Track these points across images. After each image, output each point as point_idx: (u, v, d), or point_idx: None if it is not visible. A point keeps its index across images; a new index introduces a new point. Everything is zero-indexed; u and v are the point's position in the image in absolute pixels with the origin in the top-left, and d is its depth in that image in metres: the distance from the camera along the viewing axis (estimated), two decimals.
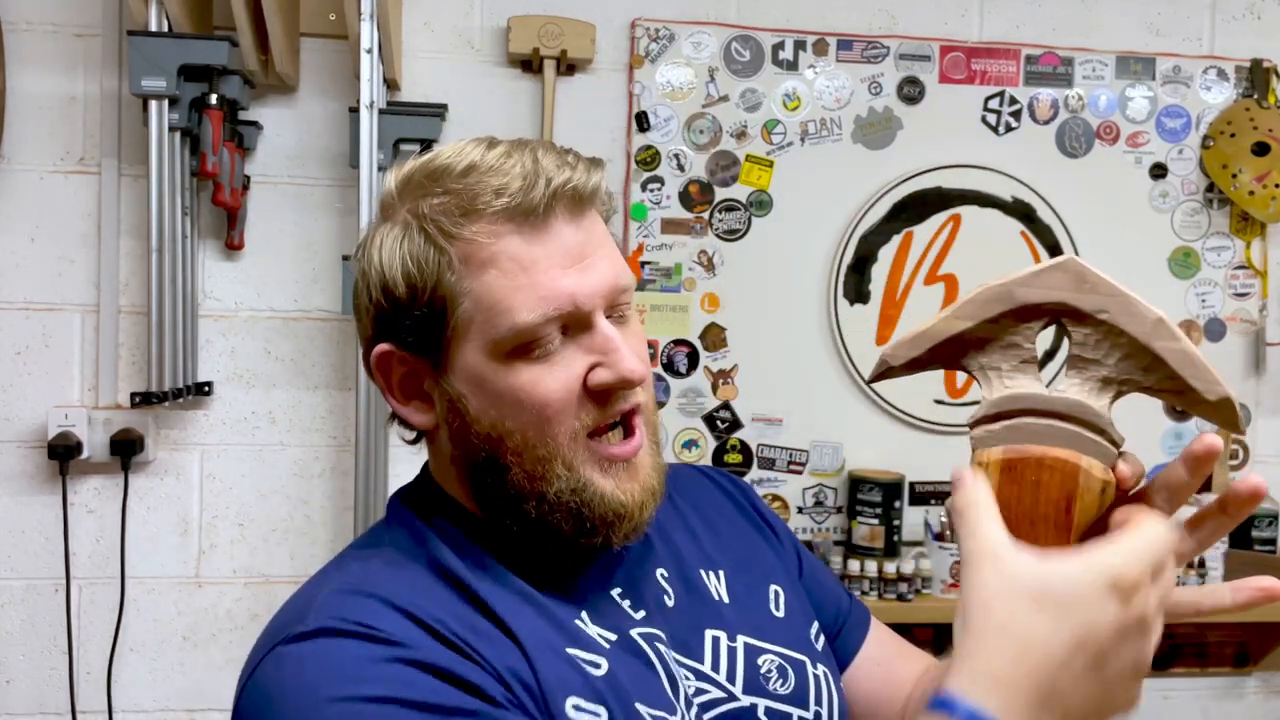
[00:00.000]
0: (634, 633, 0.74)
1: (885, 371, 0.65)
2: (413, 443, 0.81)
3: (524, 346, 0.70)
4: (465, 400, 0.72)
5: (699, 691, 0.74)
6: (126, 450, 1.77)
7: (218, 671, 1.86)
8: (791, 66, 1.99)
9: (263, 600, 1.86)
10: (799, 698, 0.78)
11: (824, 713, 0.80)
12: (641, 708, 0.69)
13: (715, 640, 0.77)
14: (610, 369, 0.71)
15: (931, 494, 2.02)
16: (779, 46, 1.98)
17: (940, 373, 2.03)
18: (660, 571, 0.80)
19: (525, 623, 0.69)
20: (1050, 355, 2.07)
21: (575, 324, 0.71)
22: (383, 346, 0.74)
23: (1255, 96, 2.10)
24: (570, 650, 0.70)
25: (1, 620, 1.81)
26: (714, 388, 1.98)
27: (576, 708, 0.67)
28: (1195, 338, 2.11)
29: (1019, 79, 2.05)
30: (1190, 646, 2.11)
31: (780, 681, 0.78)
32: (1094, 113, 2.07)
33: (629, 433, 0.74)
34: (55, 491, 1.79)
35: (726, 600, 0.81)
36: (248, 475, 1.87)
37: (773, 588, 0.85)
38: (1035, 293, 0.61)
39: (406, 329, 0.73)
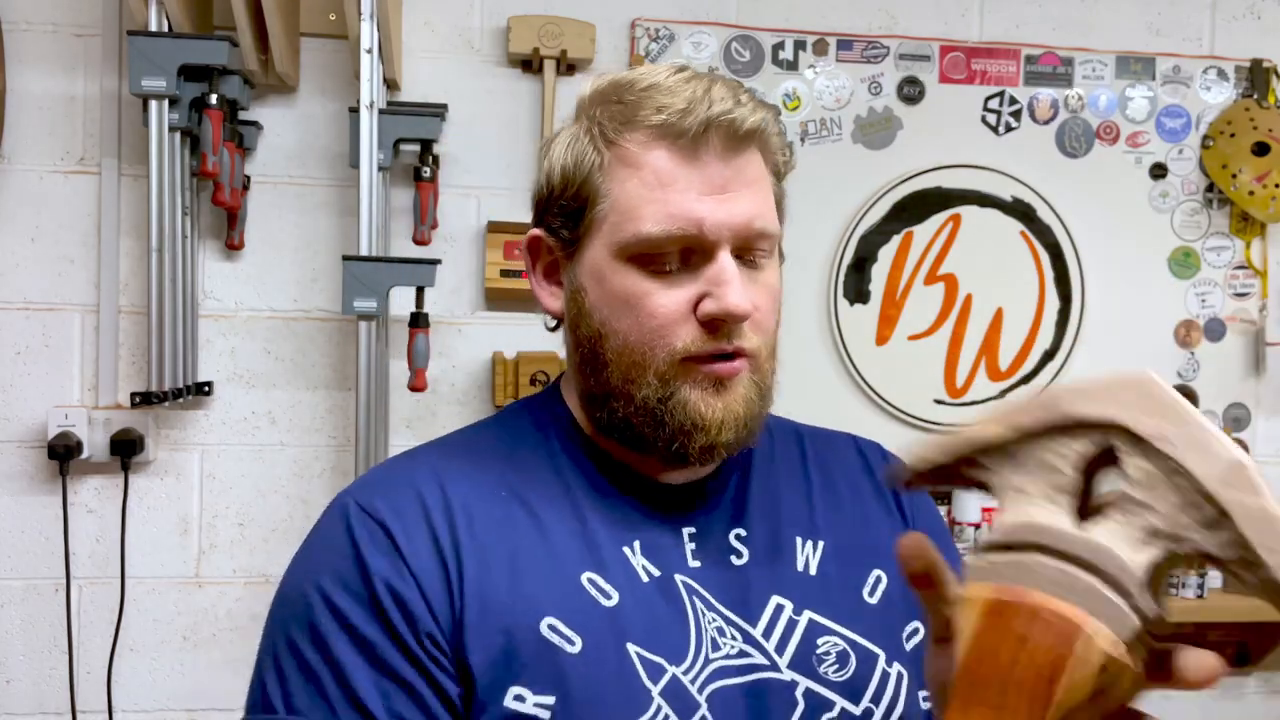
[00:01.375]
0: (678, 577, 0.75)
1: (910, 482, 0.55)
2: (553, 329, 0.85)
3: (643, 257, 0.74)
4: (584, 293, 0.77)
5: (741, 654, 0.74)
6: (126, 450, 1.77)
7: (218, 671, 1.86)
8: (791, 66, 1.99)
9: (263, 600, 1.85)
10: (852, 688, 0.75)
11: (878, 712, 0.75)
12: (633, 648, 0.71)
13: (779, 608, 0.77)
14: (716, 301, 0.72)
15: (931, 494, 2.02)
16: (779, 46, 1.98)
17: (940, 372, 2.04)
18: (737, 531, 0.79)
19: (573, 540, 0.75)
20: (1051, 354, 2.07)
21: (699, 250, 0.73)
22: (535, 231, 0.81)
23: (1255, 96, 2.10)
24: (588, 575, 0.73)
25: (1, 620, 1.81)
26: None
27: (552, 628, 0.71)
28: (1195, 338, 2.11)
29: (1019, 79, 2.05)
30: (1189, 646, 2.11)
31: (836, 667, 0.76)
32: (1094, 113, 2.07)
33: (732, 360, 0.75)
34: (55, 491, 1.79)
35: (811, 573, 0.79)
36: (248, 475, 1.87)
37: (876, 573, 0.81)
38: (1088, 407, 0.48)
39: (555, 217, 0.78)
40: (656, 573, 0.75)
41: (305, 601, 0.75)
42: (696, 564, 0.76)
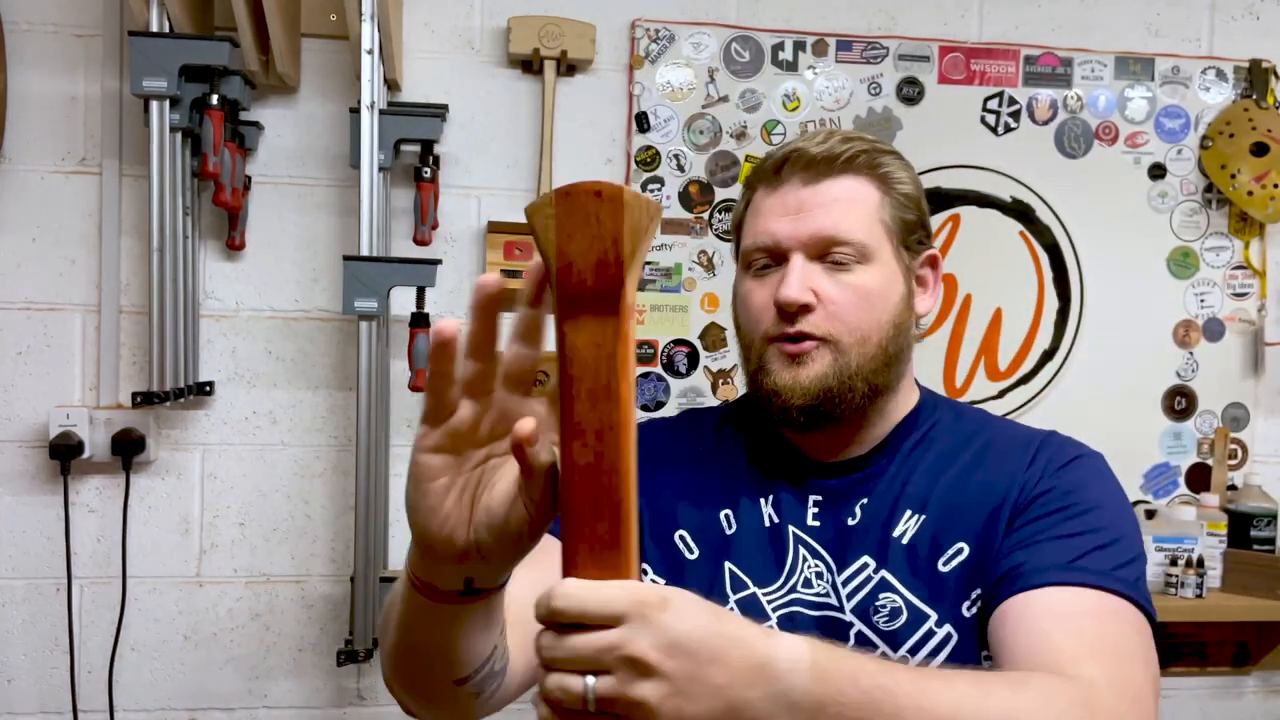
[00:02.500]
0: (793, 529, 0.97)
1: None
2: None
3: (748, 264, 0.98)
4: (735, 302, 1.02)
5: (824, 594, 0.94)
6: (128, 450, 1.78)
7: (218, 671, 1.87)
8: (791, 67, 1.99)
9: (264, 600, 1.86)
10: (895, 638, 0.90)
11: (913, 661, 0.89)
12: (730, 565, 0.97)
13: (864, 564, 0.94)
14: (778, 292, 0.93)
15: None
16: (779, 47, 1.99)
17: (939, 372, 2.04)
18: (862, 501, 0.96)
19: (716, 482, 1.01)
20: (1050, 354, 2.07)
21: (781, 256, 0.94)
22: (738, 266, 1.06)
23: (1254, 97, 2.10)
24: (723, 511, 0.99)
25: (3, 620, 1.82)
26: (714, 387, 1.99)
27: (681, 538, 0.99)
28: (1194, 338, 2.12)
29: (1018, 79, 2.06)
30: (1189, 646, 2.12)
31: (887, 619, 0.91)
32: (1093, 113, 2.08)
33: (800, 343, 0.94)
34: (57, 491, 1.79)
35: (904, 541, 0.93)
36: (249, 475, 1.87)
37: (959, 545, 0.92)
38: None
39: (737, 252, 1.04)
40: (777, 520, 0.97)
41: None
42: (815, 523, 0.97)
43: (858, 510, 0.96)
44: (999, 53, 2.05)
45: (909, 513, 0.95)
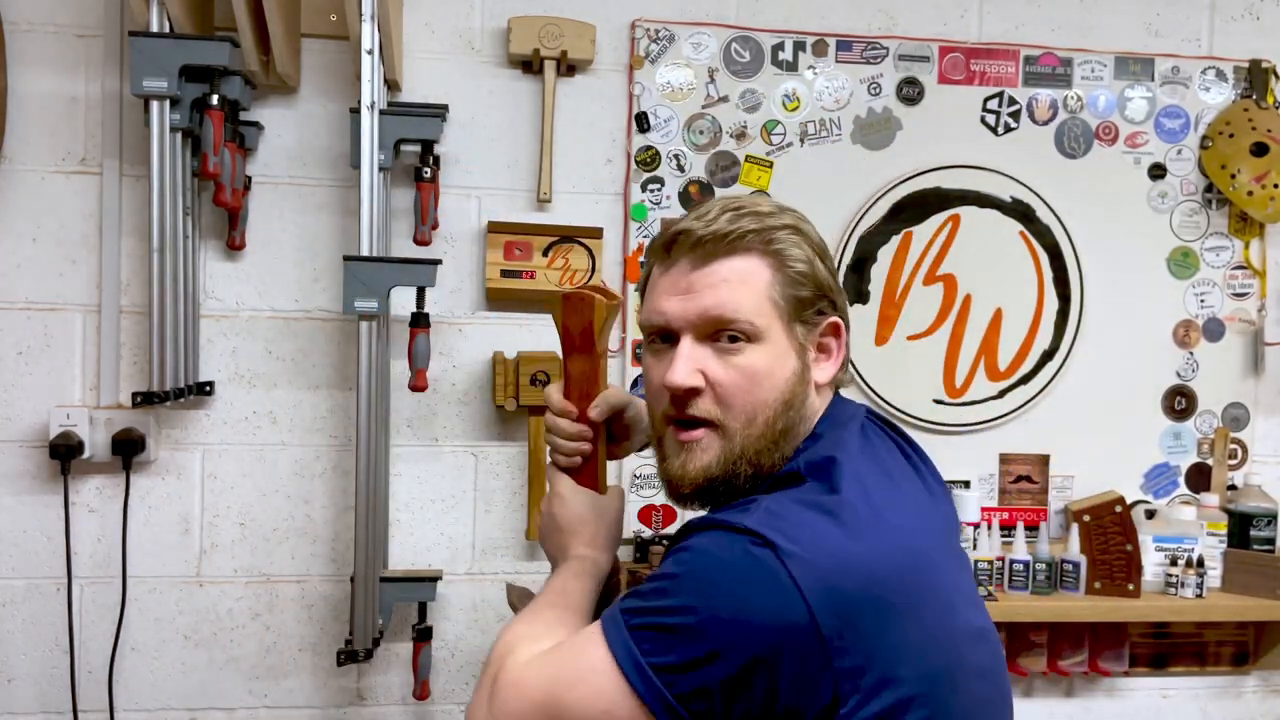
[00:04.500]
0: None
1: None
2: None
3: (647, 339, 1.02)
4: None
5: None
6: (128, 450, 1.78)
7: (219, 671, 1.87)
8: (791, 67, 1.99)
9: (264, 599, 1.86)
10: None
11: None
12: None
13: None
14: (665, 376, 0.95)
15: None
16: (779, 47, 1.99)
17: (939, 372, 2.04)
18: None
19: None
20: (1050, 354, 2.07)
21: (673, 336, 0.97)
22: None
23: (1254, 97, 2.10)
24: None
25: (3, 620, 1.82)
26: None
27: None
28: (1194, 338, 2.12)
29: (1018, 79, 2.06)
30: (1189, 645, 2.12)
31: None
32: (1093, 113, 2.08)
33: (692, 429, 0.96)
34: (57, 491, 1.79)
35: None
36: (249, 475, 1.87)
37: None
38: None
39: None
40: None
41: None
42: None
43: None
44: (999, 53, 2.05)
45: None
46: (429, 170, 1.83)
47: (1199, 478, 2.13)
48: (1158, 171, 2.10)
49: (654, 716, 0.81)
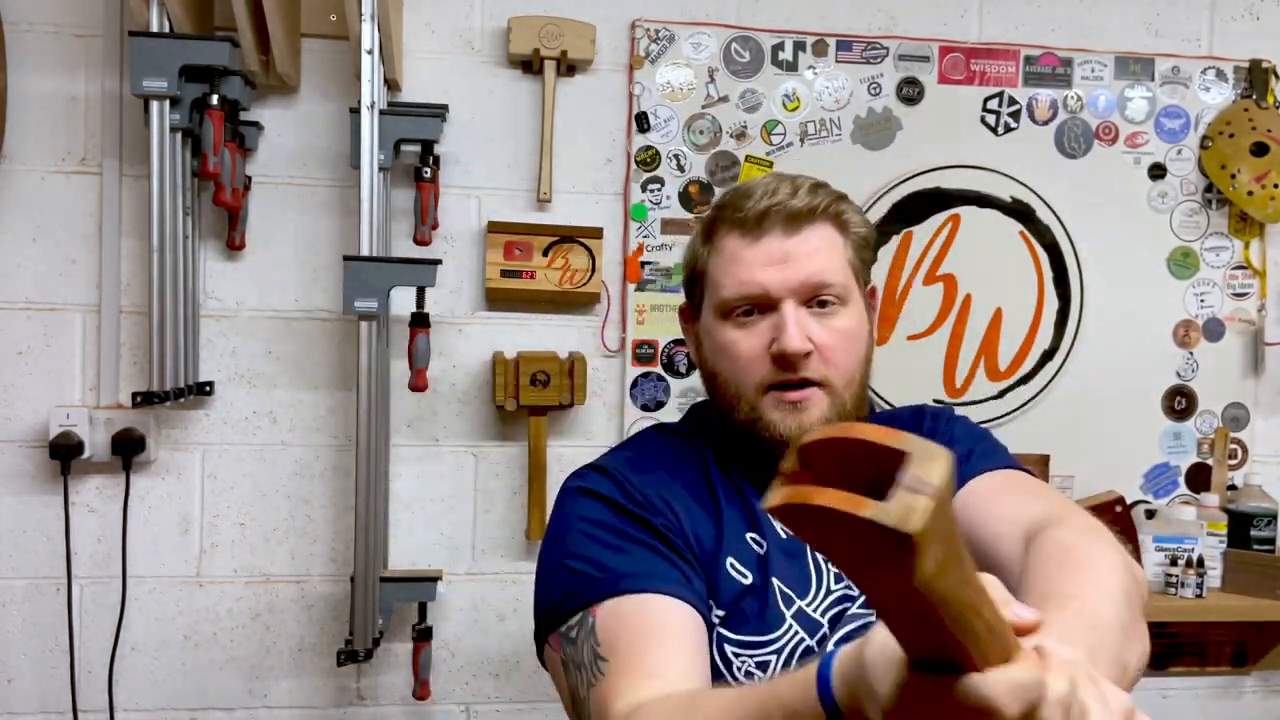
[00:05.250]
0: None
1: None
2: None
3: (728, 312, 1.03)
4: (702, 343, 1.09)
5: (850, 585, 0.99)
6: (128, 450, 1.78)
7: (219, 671, 1.87)
8: (791, 67, 1.99)
9: (264, 600, 1.86)
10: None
11: None
12: (776, 581, 1.00)
13: None
14: (779, 343, 0.99)
15: None
16: (779, 47, 1.99)
17: (939, 372, 2.04)
18: None
19: (731, 509, 1.03)
20: (1050, 354, 2.07)
21: (769, 305, 1.01)
22: (684, 303, 1.15)
23: (1254, 97, 2.10)
24: (749, 534, 1.03)
25: (3, 620, 1.82)
26: None
27: (732, 565, 1.00)
28: (1194, 338, 2.12)
29: (1018, 79, 2.06)
30: (1189, 645, 2.12)
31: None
32: (1093, 113, 2.08)
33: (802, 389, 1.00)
34: (57, 491, 1.79)
35: None
36: (249, 475, 1.87)
37: None
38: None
39: (689, 292, 1.12)
40: (789, 533, 0.98)
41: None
42: None
43: None
44: (999, 53, 2.05)
45: None
46: (429, 170, 1.83)
47: (1199, 478, 2.13)
48: (1158, 171, 2.10)
49: None
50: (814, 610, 1.00)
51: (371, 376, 1.72)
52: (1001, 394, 2.07)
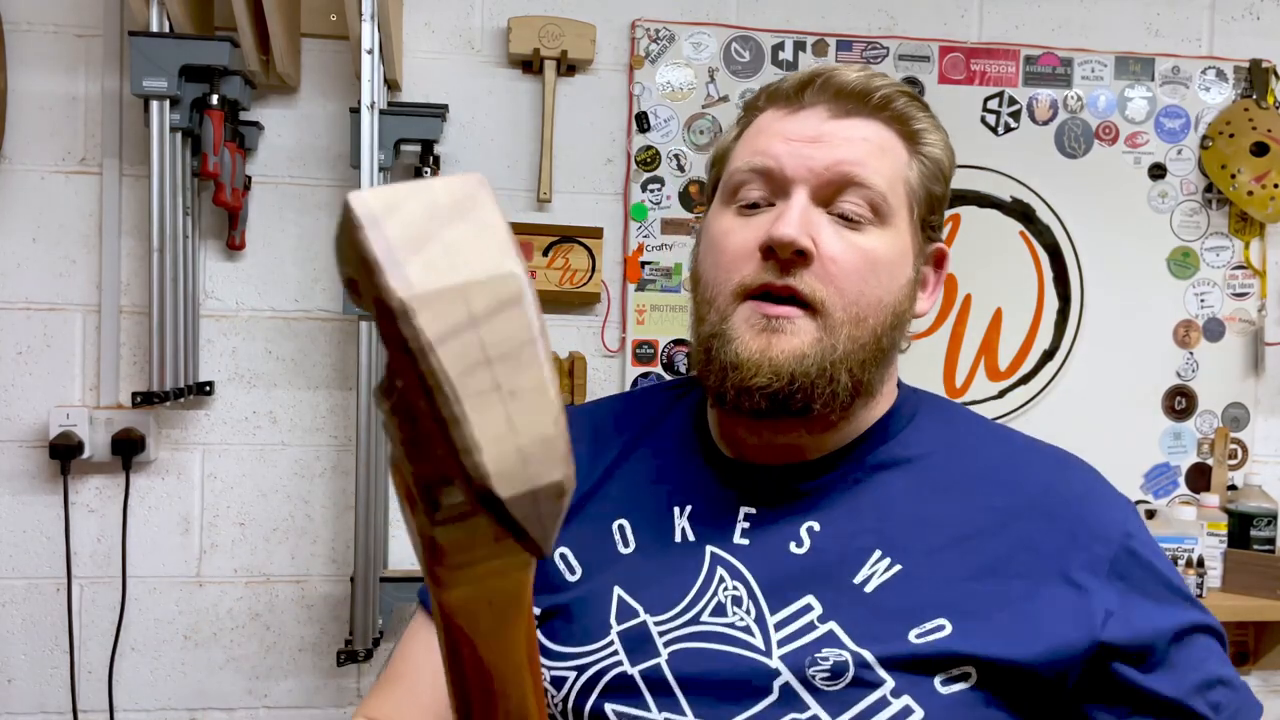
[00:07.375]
0: (711, 548, 0.76)
1: None
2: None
3: (732, 193, 0.77)
4: (698, 244, 0.80)
5: (743, 628, 0.72)
6: (128, 450, 1.78)
7: (219, 671, 1.87)
8: (791, 67, 1.99)
9: (264, 599, 1.86)
10: (837, 701, 0.69)
11: None
12: (619, 591, 0.76)
13: (805, 608, 0.72)
14: (769, 231, 0.72)
15: None
16: (779, 47, 1.99)
17: (940, 372, 2.04)
18: (810, 524, 0.75)
19: (626, 484, 0.81)
20: (1050, 354, 2.07)
21: (779, 190, 0.75)
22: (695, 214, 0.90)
23: (1254, 97, 2.10)
24: (619, 521, 0.79)
25: (3, 619, 1.82)
26: None
27: (562, 556, 0.79)
28: (1194, 338, 2.12)
29: (1018, 79, 2.06)
30: None
31: (827, 677, 0.69)
32: (1093, 113, 2.08)
33: (786, 305, 0.73)
34: (57, 491, 1.79)
35: (866, 590, 0.71)
36: (249, 475, 1.87)
37: (940, 622, 0.70)
38: None
39: (709, 196, 0.83)
40: (692, 539, 0.77)
41: None
42: (744, 541, 0.76)
43: (804, 535, 0.75)
44: (999, 53, 2.05)
45: (878, 554, 0.73)
46: (429, 170, 1.83)
47: (1199, 478, 2.13)
48: (1158, 171, 2.10)
49: None
50: (660, 631, 0.74)
51: (371, 376, 1.72)
52: (1001, 394, 2.07)
